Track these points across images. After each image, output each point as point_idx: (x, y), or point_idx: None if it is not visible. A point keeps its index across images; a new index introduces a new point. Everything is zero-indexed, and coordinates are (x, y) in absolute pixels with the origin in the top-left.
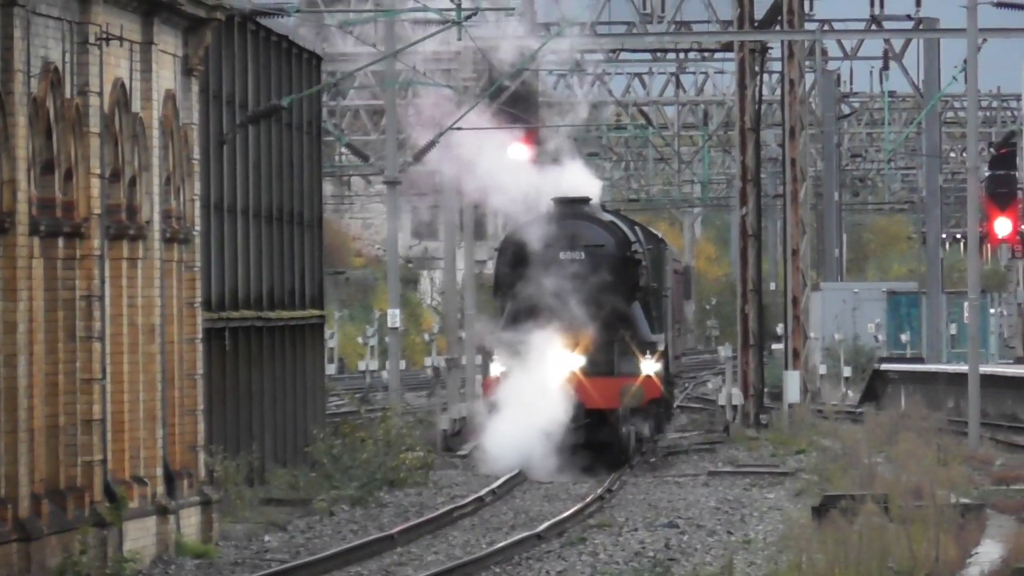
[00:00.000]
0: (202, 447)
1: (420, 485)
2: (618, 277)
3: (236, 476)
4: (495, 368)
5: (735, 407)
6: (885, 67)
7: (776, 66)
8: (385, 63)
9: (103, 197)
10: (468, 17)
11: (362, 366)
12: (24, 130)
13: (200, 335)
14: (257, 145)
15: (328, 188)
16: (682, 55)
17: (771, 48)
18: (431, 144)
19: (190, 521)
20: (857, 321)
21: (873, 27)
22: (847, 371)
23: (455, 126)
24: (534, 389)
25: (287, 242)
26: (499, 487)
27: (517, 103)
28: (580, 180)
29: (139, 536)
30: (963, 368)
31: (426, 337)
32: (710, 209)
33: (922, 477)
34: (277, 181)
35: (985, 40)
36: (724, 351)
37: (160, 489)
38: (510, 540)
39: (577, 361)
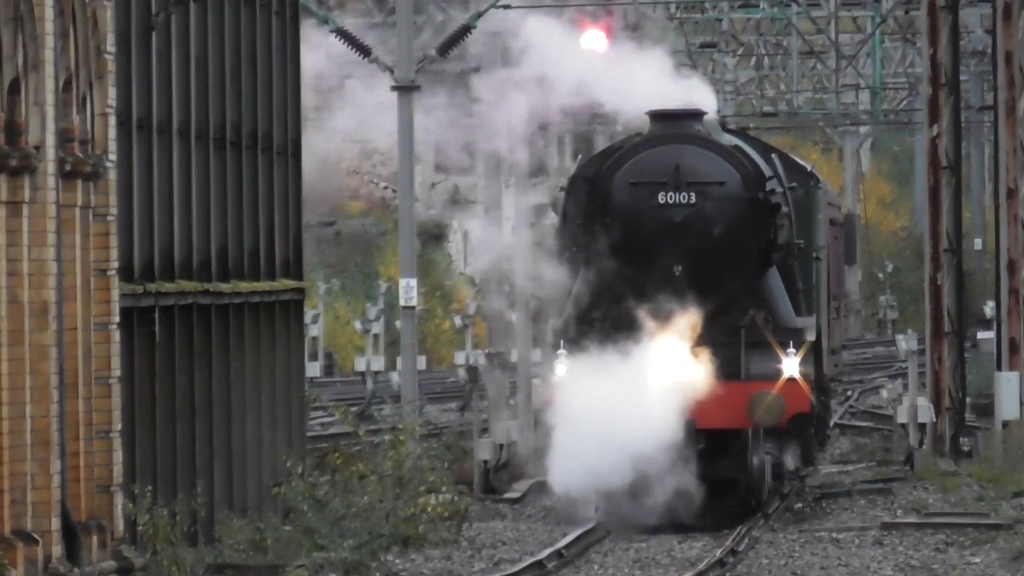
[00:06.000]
0: (120, 487)
1: (449, 544)
2: (745, 231)
3: (171, 531)
4: (561, 369)
5: (922, 426)
6: None
7: None
8: None
9: None
10: None
11: (360, 365)
12: None
13: (117, 318)
14: (203, 32)
15: (310, 98)
16: None
17: None
18: (465, 30)
19: None
20: None
21: None
22: None
23: (499, 3)
24: (619, 400)
25: (248, 179)
26: (568, 547)
27: None
28: (688, 86)
29: None
30: None
31: (458, 321)
32: (883, 129)
33: None
34: (233, 87)
35: None
36: (905, 342)
37: (57, 550)
38: None
39: (684, 358)
